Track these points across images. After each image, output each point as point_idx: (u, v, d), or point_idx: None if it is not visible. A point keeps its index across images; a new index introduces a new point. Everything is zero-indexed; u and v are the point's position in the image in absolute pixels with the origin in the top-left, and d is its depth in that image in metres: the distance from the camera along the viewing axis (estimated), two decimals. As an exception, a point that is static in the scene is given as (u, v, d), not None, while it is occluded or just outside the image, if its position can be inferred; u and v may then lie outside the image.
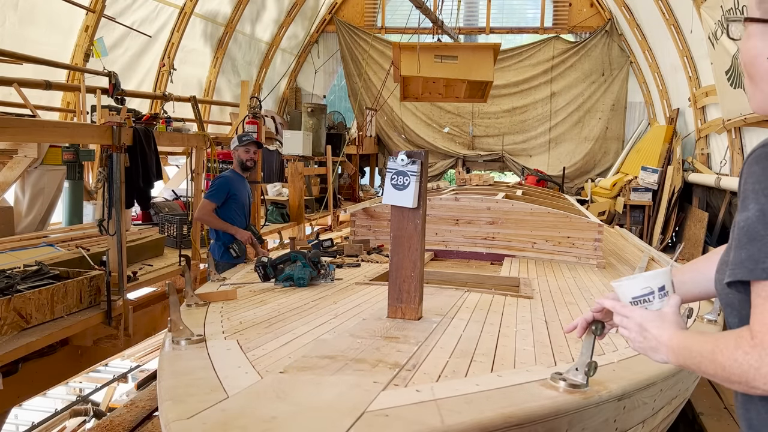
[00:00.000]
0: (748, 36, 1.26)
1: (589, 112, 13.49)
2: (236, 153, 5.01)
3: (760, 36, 1.23)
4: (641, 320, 1.33)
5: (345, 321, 2.66)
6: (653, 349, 1.31)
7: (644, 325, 1.32)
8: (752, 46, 1.24)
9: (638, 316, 1.33)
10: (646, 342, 1.32)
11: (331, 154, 10.40)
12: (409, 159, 2.58)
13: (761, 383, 1.05)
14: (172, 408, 1.58)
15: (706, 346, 1.16)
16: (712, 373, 1.16)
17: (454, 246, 5.40)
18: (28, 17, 7.23)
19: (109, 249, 4.24)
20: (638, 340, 1.34)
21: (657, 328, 1.30)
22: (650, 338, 1.31)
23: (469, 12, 14.26)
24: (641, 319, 1.33)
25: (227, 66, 11.96)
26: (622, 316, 1.37)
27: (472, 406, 1.64)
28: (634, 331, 1.34)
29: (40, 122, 5.10)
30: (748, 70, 1.27)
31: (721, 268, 1.25)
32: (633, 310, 1.36)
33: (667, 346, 1.27)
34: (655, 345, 1.30)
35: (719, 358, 1.12)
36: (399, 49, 8.06)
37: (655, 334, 1.30)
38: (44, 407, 7.17)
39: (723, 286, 1.18)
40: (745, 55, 1.27)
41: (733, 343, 1.10)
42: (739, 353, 1.08)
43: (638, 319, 1.33)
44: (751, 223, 1.10)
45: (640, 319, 1.33)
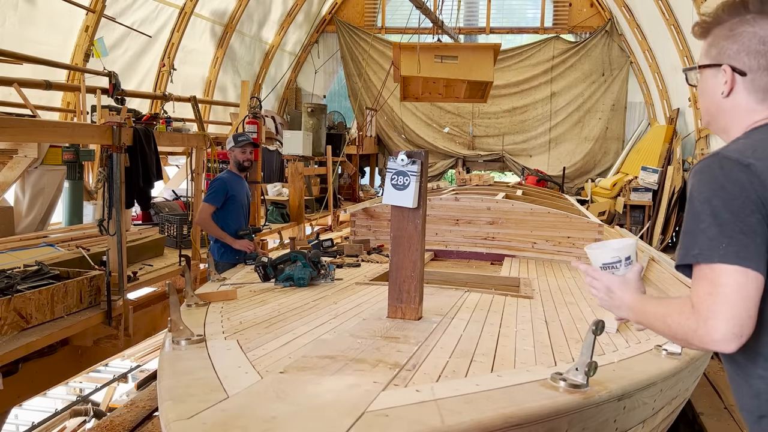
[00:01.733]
0: (703, 80, 1.57)
1: (589, 112, 13.49)
2: (232, 153, 5.00)
3: (711, 79, 1.54)
4: (608, 283, 1.59)
5: (345, 321, 2.66)
6: (617, 307, 1.59)
7: (611, 288, 1.59)
8: (706, 88, 1.56)
9: (606, 280, 1.60)
10: (611, 301, 1.60)
11: (331, 154, 10.40)
12: (409, 159, 2.58)
13: (697, 342, 1.33)
14: (172, 408, 1.58)
15: (659, 309, 1.45)
16: (661, 331, 1.44)
17: (454, 246, 5.40)
18: (28, 17, 7.23)
19: (109, 249, 4.24)
20: (605, 299, 1.61)
21: (621, 291, 1.58)
22: (615, 298, 1.59)
23: (469, 12, 14.26)
24: (608, 282, 1.60)
25: (227, 66, 11.97)
26: (592, 278, 1.63)
27: (472, 406, 1.64)
28: (602, 291, 1.61)
29: (40, 122, 5.10)
30: (707, 107, 1.57)
31: None
32: (602, 274, 1.61)
33: (628, 306, 1.55)
34: (619, 304, 1.58)
35: (668, 320, 1.39)
36: (399, 49, 8.06)
37: (619, 295, 1.58)
38: (44, 407, 7.16)
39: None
40: (704, 95, 1.57)
41: (678, 309, 1.37)
42: (682, 318, 1.35)
43: (606, 282, 1.60)
44: (687, 221, 1.40)
45: (607, 282, 1.60)
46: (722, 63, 1.49)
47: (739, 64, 1.47)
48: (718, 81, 1.50)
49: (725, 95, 1.50)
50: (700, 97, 1.60)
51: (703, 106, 1.60)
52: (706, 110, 1.58)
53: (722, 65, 1.49)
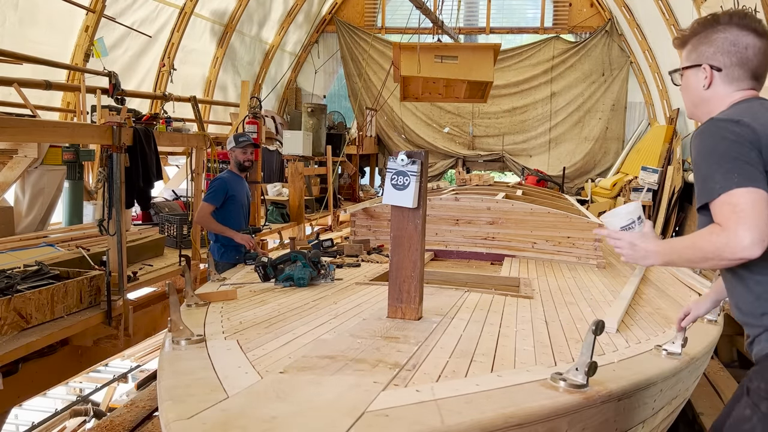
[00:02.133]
0: (686, 79, 2.00)
1: (589, 112, 13.49)
2: (233, 154, 5.00)
3: (693, 76, 1.97)
4: (630, 240, 1.85)
5: (345, 321, 2.66)
6: (642, 257, 1.85)
7: (633, 242, 1.85)
8: (690, 84, 1.99)
9: (628, 237, 1.86)
10: (636, 253, 1.85)
11: (331, 154, 10.40)
12: (409, 159, 2.58)
13: (728, 253, 1.62)
14: (172, 408, 1.58)
15: (686, 241, 1.76)
16: (692, 255, 1.72)
17: (454, 246, 5.39)
18: (28, 17, 7.23)
19: (109, 249, 4.24)
20: (630, 253, 1.86)
21: (643, 243, 1.84)
22: (639, 249, 1.84)
23: (469, 12, 14.26)
24: (630, 239, 1.85)
25: (227, 66, 11.96)
26: (616, 239, 1.88)
27: (472, 406, 1.64)
28: (627, 248, 1.86)
29: (40, 122, 5.10)
30: (692, 99, 2.00)
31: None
32: (624, 234, 1.87)
33: (654, 252, 1.82)
34: (644, 254, 1.84)
35: (699, 243, 1.69)
36: (399, 49, 8.06)
37: (643, 246, 1.83)
38: (44, 407, 7.16)
39: (698, 216, 1.82)
40: (688, 91, 2.00)
41: (707, 233, 1.67)
42: (713, 237, 1.65)
43: (628, 240, 1.86)
44: (700, 169, 1.74)
45: (629, 239, 1.85)
46: (702, 63, 1.92)
47: (715, 63, 1.90)
48: (699, 78, 1.94)
49: (706, 87, 1.92)
50: (684, 92, 2.03)
51: (687, 99, 2.03)
52: (691, 102, 2.01)
53: (702, 65, 1.92)
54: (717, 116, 1.80)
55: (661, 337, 2.65)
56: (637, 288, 3.74)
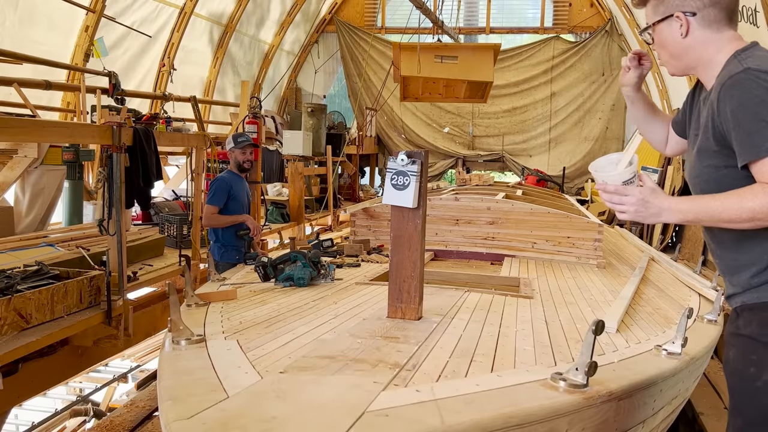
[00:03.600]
0: (659, 33, 1.90)
1: (589, 112, 13.49)
2: (233, 154, 5.00)
3: (667, 29, 1.88)
4: (642, 195, 1.74)
5: (345, 321, 2.66)
6: (654, 215, 1.76)
7: (646, 198, 1.74)
8: (665, 38, 1.90)
9: (638, 193, 1.74)
10: (647, 210, 1.74)
11: (331, 154, 10.40)
12: (409, 159, 2.58)
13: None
14: (172, 408, 1.58)
15: (722, 199, 1.68)
16: (731, 215, 1.66)
17: (454, 246, 5.39)
18: (28, 17, 7.23)
19: (109, 249, 4.24)
20: (641, 210, 1.75)
21: (657, 198, 1.74)
22: (652, 206, 1.74)
23: (469, 12, 14.27)
24: (641, 194, 1.74)
25: (227, 66, 11.96)
26: (623, 195, 1.75)
27: (472, 406, 1.64)
28: (637, 204, 1.74)
29: (40, 122, 5.10)
30: (672, 52, 1.91)
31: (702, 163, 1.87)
32: (634, 189, 1.75)
33: (672, 209, 1.74)
34: (657, 211, 1.75)
35: (747, 204, 1.63)
36: (399, 49, 8.06)
37: (657, 203, 1.74)
38: (44, 407, 7.17)
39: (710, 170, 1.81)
40: (665, 45, 1.91)
41: (759, 190, 1.62)
42: (764, 196, 1.60)
43: (639, 195, 1.74)
44: (745, 123, 1.64)
45: (640, 195, 1.74)
46: (673, 12, 1.84)
47: (687, 8, 1.83)
48: (674, 28, 1.86)
49: (684, 36, 1.85)
50: (659, 49, 1.94)
51: (664, 54, 1.94)
52: (671, 55, 1.92)
53: (674, 14, 1.84)
54: (754, 66, 1.70)
55: (661, 337, 2.65)
56: (637, 288, 3.74)
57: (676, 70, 1.97)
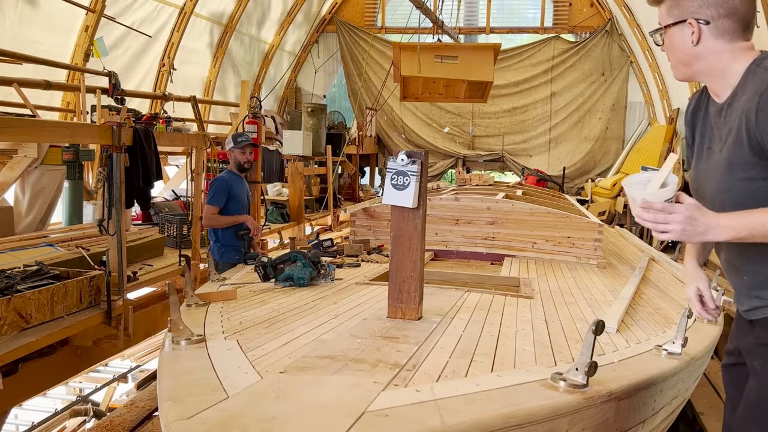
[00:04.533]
0: (670, 37, 1.87)
1: (589, 112, 13.49)
2: (232, 154, 5.00)
3: (678, 33, 1.84)
4: (689, 213, 1.66)
5: (345, 321, 2.66)
6: (701, 233, 1.68)
7: (693, 216, 1.65)
8: (676, 42, 1.86)
9: (685, 210, 1.66)
10: (694, 228, 1.66)
11: (331, 154, 10.40)
12: (409, 159, 2.58)
13: None
14: (172, 408, 1.58)
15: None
16: None
17: (454, 246, 5.39)
18: (28, 17, 7.23)
19: (109, 249, 4.24)
20: (687, 229, 1.66)
21: (703, 216, 1.67)
22: (700, 224, 1.66)
23: (469, 12, 14.27)
24: (688, 212, 1.66)
25: (227, 66, 11.96)
26: (668, 213, 1.66)
27: (472, 406, 1.64)
28: (682, 222, 1.65)
29: (40, 122, 5.10)
30: (680, 58, 1.87)
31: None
32: (679, 206, 1.67)
33: (721, 227, 1.67)
34: (704, 229, 1.67)
35: None
36: (399, 49, 8.06)
37: (704, 220, 1.66)
38: (44, 407, 7.17)
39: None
40: (675, 50, 1.87)
41: None
42: None
43: (686, 213, 1.66)
44: None
45: (687, 212, 1.66)
46: (687, 18, 1.80)
47: (702, 16, 1.78)
48: (685, 34, 1.82)
49: (695, 44, 1.81)
50: (669, 52, 1.90)
51: (674, 58, 1.90)
52: (679, 61, 1.89)
53: (687, 20, 1.80)
54: None
55: (661, 337, 2.65)
56: (637, 288, 3.74)
57: (683, 76, 1.94)
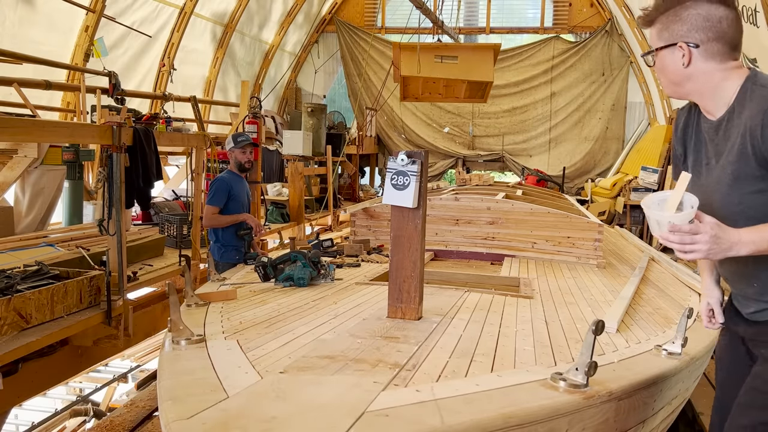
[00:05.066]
0: (661, 59, 1.93)
1: (589, 112, 13.49)
2: (232, 154, 5.00)
3: (669, 56, 1.90)
4: (713, 232, 1.69)
5: (345, 321, 2.66)
6: (725, 250, 1.71)
7: (717, 234, 1.69)
8: (666, 64, 1.92)
9: (710, 230, 1.69)
10: (719, 246, 1.70)
11: (331, 154, 10.40)
12: (409, 159, 2.58)
13: None
14: (172, 408, 1.58)
15: None
16: None
17: (454, 246, 5.39)
18: (28, 17, 7.23)
19: (109, 249, 4.24)
20: (713, 248, 1.69)
21: (727, 233, 1.71)
22: (724, 241, 1.70)
23: (469, 12, 14.27)
24: (712, 231, 1.69)
25: (227, 66, 11.96)
26: (695, 234, 1.69)
27: (472, 406, 1.64)
28: (709, 242, 1.68)
29: (40, 122, 5.10)
30: (672, 79, 1.94)
31: None
32: (704, 226, 1.69)
33: (743, 242, 1.71)
34: (728, 246, 1.71)
35: None
36: (399, 49, 8.06)
37: (727, 237, 1.70)
38: (44, 407, 7.16)
39: None
40: (666, 71, 1.93)
41: None
42: None
43: (711, 232, 1.68)
44: None
45: (712, 231, 1.69)
46: (677, 42, 1.87)
47: (691, 40, 1.85)
48: (676, 56, 1.88)
49: (686, 66, 1.87)
50: (660, 73, 1.97)
51: (665, 79, 1.97)
52: (670, 81, 1.96)
53: (677, 43, 1.87)
54: None
55: (661, 337, 2.65)
56: (637, 288, 3.74)
57: (674, 94, 2.01)
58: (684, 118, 2.11)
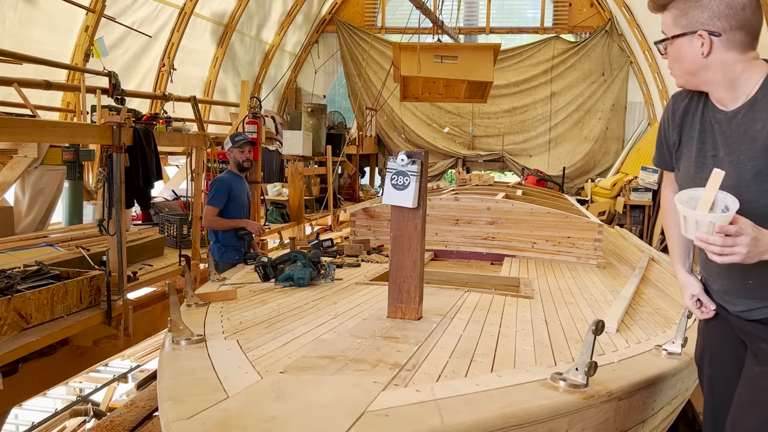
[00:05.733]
0: (677, 48, 1.82)
1: (589, 112, 13.49)
2: (231, 154, 5.00)
3: (686, 45, 1.80)
4: (753, 234, 1.64)
5: (345, 321, 2.66)
6: (761, 253, 1.65)
7: (757, 237, 1.64)
8: (683, 53, 1.82)
9: (750, 232, 1.63)
10: (757, 249, 1.64)
11: (331, 154, 10.40)
12: (409, 159, 2.58)
13: None
14: (172, 408, 1.59)
15: None
16: None
17: (454, 246, 5.39)
18: (28, 17, 7.23)
19: (109, 249, 4.24)
20: (752, 251, 1.63)
21: (764, 236, 1.65)
22: (761, 244, 1.64)
23: (469, 12, 14.27)
24: (753, 233, 1.64)
25: (227, 66, 11.97)
26: (737, 236, 1.63)
27: (472, 406, 1.64)
28: (748, 245, 1.63)
29: (40, 122, 5.09)
30: (688, 68, 1.83)
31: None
32: (743, 228, 1.63)
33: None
34: (765, 249, 1.65)
35: None
36: (399, 49, 8.06)
37: (764, 239, 1.65)
38: (44, 407, 7.16)
39: None
40: (681, 60, 1.83)
41: None
42: None
43: (751, 234, 1.63)
44: None
45: (752, 233, 1.63)
46: (697, 30, 1.75)
47: (713, 28, 1.74)
48: (694, 45, 1.77)
49: (705, 56, 1.77)
50: (675, 62, 1.86)
51: (679, 68, 1.86)
52: (686, 71, 1.85)
53: (697, 31, 1.75)
54: None
55: (661, 337, 2.65)
56: (637, 288, 3.75)
57: (687, 84, 1.90)
58: (684, 104, 2.00)
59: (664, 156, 2.10)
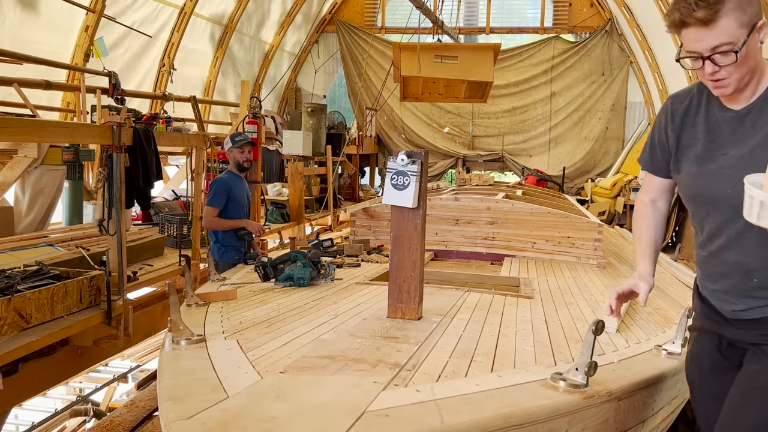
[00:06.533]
0: (747, 45, 1.72)
1: (589, 112, 13.50)
2: (231, 154, 5.00)
3: (752, 40, 1.72)
4: None
5: (345, 321, 2.66)
6: None
7: None
8: (751, 48, 1.73)
9: None
10: None
11: (331, 154, 10.40)
12: (409, 159, 2.58)
13: None
14: (172, 408, 1.58)
15: None
16: None
17: (454, 246, 5.39)
18: (28, 17, 7.23)
19: (109, 249, 4.24)
20: None
21: None
22: None
23: (469, 12, 14.27)
24: None
25: (227, 66, 11.97)
26: None
27: (472, 406, 1.64)
28: None
29: (40, 122, 5.09)
30: (752, 64, 1.75)
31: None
32: None
33: None
34: None
35: None
36: (399, 49, 8.06)
37: None
38: (44, 407, 7.16)
39: None
40: (747, 59, 1.73)
41: None
42: None
43: None
44: None
45: None
46: (758, 20, 1.73)
47: (761, 15, 1.73)
48: (755, 38, 1.75)
49: (761, 44, 1.78)
50: (742, 63, 1.75)
51: (744, 68, 1.76)
52: (748, 68, 1.77)
53: (758, 22, 1.73)
54: None
55: (661, 337, 2.65)
56: (637, 288, 3.74)
57: (741, 84, 1.80)
58: (684, 105, 1.97)
59: (655, 158, 2.08)
